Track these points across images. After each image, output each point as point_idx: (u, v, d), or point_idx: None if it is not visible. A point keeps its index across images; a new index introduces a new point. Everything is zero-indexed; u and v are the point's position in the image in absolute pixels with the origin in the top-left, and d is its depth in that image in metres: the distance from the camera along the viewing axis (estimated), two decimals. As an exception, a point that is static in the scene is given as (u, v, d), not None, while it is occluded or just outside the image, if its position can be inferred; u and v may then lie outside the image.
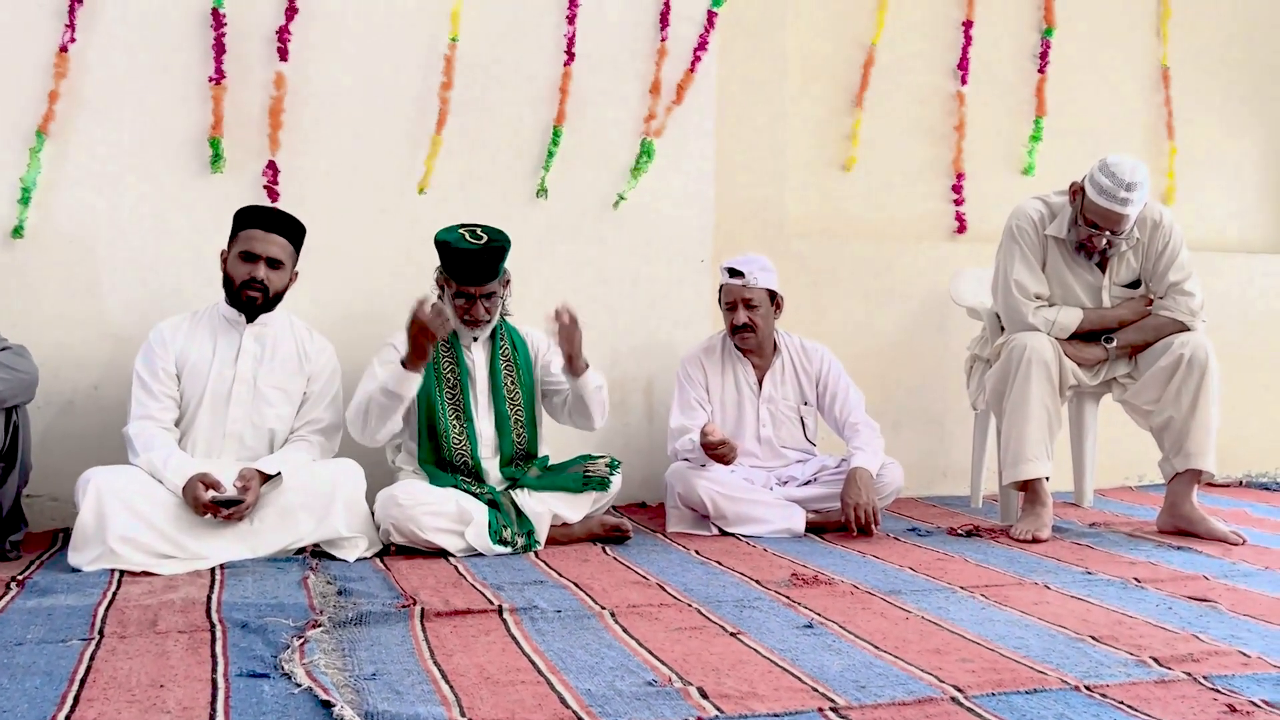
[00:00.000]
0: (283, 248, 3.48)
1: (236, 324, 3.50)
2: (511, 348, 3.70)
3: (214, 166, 3.89)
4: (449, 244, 3.51)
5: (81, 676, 2.16)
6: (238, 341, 3.50)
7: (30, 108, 3.75)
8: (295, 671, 2.17)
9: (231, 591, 2.87)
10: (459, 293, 3.55)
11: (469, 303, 3.55)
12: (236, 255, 3.45)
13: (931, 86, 4.95)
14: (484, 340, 3.66)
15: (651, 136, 4.37)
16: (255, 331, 3.51)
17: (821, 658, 2.31)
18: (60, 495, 3.67)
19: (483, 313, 3.57)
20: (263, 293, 3.45)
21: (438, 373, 3.58)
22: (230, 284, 3.47)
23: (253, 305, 3.46)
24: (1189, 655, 2.33)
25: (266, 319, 3.52)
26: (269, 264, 3.44)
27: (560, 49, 4.30)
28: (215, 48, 3.88)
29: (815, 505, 3.82)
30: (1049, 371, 3.68)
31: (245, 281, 3.43)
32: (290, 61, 3.97)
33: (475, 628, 2.54)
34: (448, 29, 4.16)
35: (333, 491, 3.33)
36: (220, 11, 3.88)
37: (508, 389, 3.65)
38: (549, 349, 3.73)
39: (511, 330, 3.74)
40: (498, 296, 3.60)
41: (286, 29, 3.95)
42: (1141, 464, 4.79)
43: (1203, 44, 5.34)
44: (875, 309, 4.75)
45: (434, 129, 4.14)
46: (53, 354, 3.72)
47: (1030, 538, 3.62)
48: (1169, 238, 3.77)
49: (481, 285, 3.53)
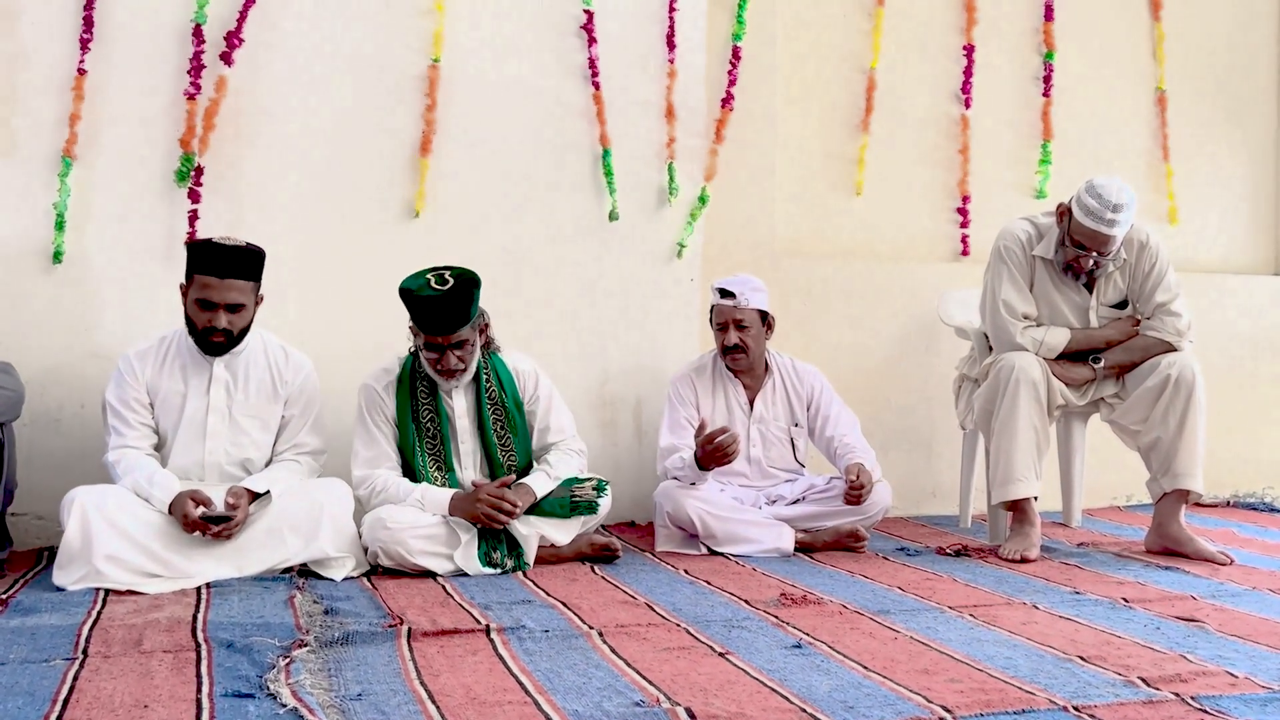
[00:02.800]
0: (241, 289, 3.34)
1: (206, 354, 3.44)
2: (498, 385, 3.56)
3: (179, 180, 3.85)
4: (411, 292, 3.33)
5: (65, 697, 2.14)
6: (208, 372, 3.43)
7: (53, 131, 3.76)
8: (281, 692, 2.16)
9: (217, 611, 2.85)
10: (428, 344, 3.40)
11: (439, 354, 3.40)
12: (194, 302, 3.33)
13: (934, 110, 4.99)
14: (465, 383, 3.55)
15: (674, 161, 4.43)
16: (226, 360, 3.43)
17: (810, 678, 2.31)
18: (45, 514, 3.65)
19: (455, 362, 3.41)
20: (227, 335, 3.36)
21: (417, 422, 3.48)
22: (192, 327, 3.38)
23: (219, 348, 3.39)
24: (1177, 675, 2.33)
25: (237, 348, 3.44)
26: (229, 309, 3.33)
27: (566, 69, 4.31)
28: (193, 63, 3.87)
29: (804, 524, 3.82)
30: (1037, 391, 3.69)
31: (206, 329, 3.34)
32: (269, 79, 3.98)
33: (462, 648, 2.52)
34: (431, 50, 4.16)
35: (320, 512, 3.31)
36: (201, 27, 3.87)
37: (498, 434, 3.53)
38: (536, 386, 3.62)
39: (498, 364, 3.59)
40: (470, 345, 3.43)
41: (237, 36, 3.92)
42: (1129, 484, 4.80)
43: (1195, 67, 5.39)
44: (864, 329, 4.76)
45: (419, 150, 4.14)
46: (39, 372, 3.71)
47: (1019, 557, 3.62)
48: (1155, 259, 3.79)
49: (449, 334, 3.37)
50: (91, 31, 3.78)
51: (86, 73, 3.78)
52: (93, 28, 3.79)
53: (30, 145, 3.76)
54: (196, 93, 3.87)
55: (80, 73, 3.77)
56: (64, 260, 3.76)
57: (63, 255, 3.75)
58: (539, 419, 3.64)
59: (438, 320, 3.35)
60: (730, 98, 4.56)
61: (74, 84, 3.77)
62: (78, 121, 3.77)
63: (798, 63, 4.82)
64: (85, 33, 3.77)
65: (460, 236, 4.17)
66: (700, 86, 4.50)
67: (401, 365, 3.55)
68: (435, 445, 3.51)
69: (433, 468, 3.50)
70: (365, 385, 3.54)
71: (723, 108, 4.56)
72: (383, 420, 3.51)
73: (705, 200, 4.47)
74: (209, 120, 3.89)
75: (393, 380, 3.53)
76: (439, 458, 3.51)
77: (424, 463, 3.49)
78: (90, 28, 3.78)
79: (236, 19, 3.91)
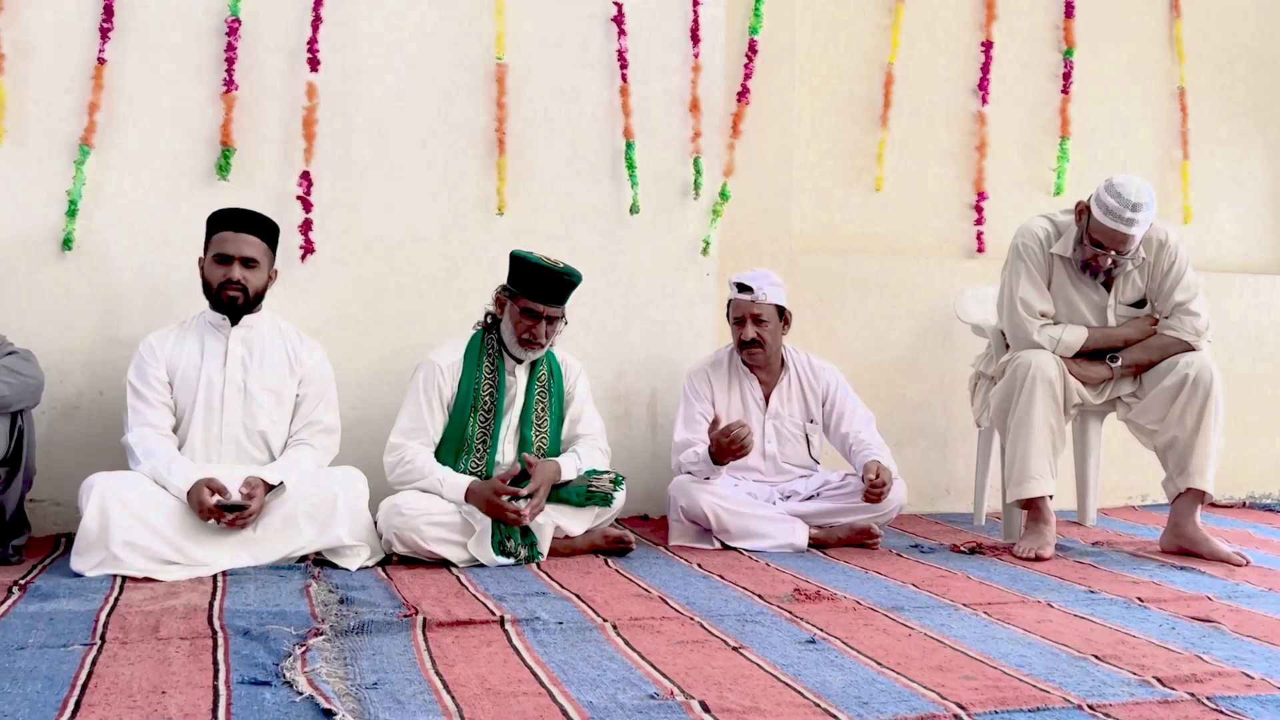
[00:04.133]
0: (256, 246, 3.46)
1: (222, 328, 3.50)
2: (549, 375, 3.69)
3: (220, 173, 3.89)
4: (528, 260, 3.49)
5: (83, 682, 2.16)
6: (224, 345, 3.49)
7: (71, 119, 3.78)
8: (297, 679, 2.17)
9: (233, 599, 2.87)
10: (527, 310, 3.51)
11: (535, 321, 3.52)
12: (211, 259, 3.45)
13: (951, 106, 4.97)
14: (526, 365, 3.64)
15: (701, 156, 4.43)
16: (241, 334, 3.50)
17: (824, 673, 2.31)
18: (63, 500, 3.67)
19: (544, 335, 3.54)
20: (242, 292, 3.44)
21: (476, 393, 3.57)
22: (209, 288, 3.47)
23: (234, 306, 3.45)
24: (1192, 676, 2.32)
25: (252, 321, 3.51)
26: (244, 263, 3.44)
27: (587, 61, 4.32)
28: (228, 56, 3.90)
29: (818, 520, 3.82)
30: (1053, 390, 3.68)
31: (223, 283, 3.43)
32: (327, 74, 4.02)
33: (477, 638, 2.53)
34: (494, 49, 4.19)
35: (335, 500, 3.32)
36: (236, 20, 3.89)
37: (537, 415, 3.63)
38: (578, 378, 3.74)
39: (550, 356, 3.71)
40: (559, 322, 3.58)
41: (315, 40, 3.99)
42: (1145, 484, 4.78)
43: (1215, 65, 5.35)
44: (880, 325, 4.75)
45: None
46: (58, 359, 3.73)
47: (1033, 556, 3.61)
48: (1174, 258, 3.77)
49: (553, 306, 3.52)
50: (111, 21, 3.80)
51: (106, 62, 3.79)
52: (113, 16, 3.80)
53: (49, 133, 3.77)
54: (232, 88, 3.89)
55: (100, 62, 3.79)
56: (77, 248, 3.78)
57: (73, 242, 3.76)
58: (573, 411, 3.72)
59: (549, 291, 3.50)
60: (746, 91, 4.55)
61: (94, 73, 3.79)
62: (96, 110, 3.78)
63: (815, 57, 4.81)
64: (105, 21, 3.79)
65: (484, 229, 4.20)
66: (721, 80, 4.49)
67: (469, 341, 3.64)
68: (488, 419, 3.57)
69: (478, 440, 3.55)
70: (429, 361, 3.60)
71: (739, 101, 4.55)
72: (436, 398, 3.56)
73: (726, 196, 4.46)
74: (308, 128, 3.96)
75: (459, 359, 3.60)
76: (487, 430, 3.56)
77: (472, 432, 3.55)
78: (110, 16, 3.79)
79: (310, 24, 3.96)
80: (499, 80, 4.20)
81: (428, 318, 4.14)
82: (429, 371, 3.58)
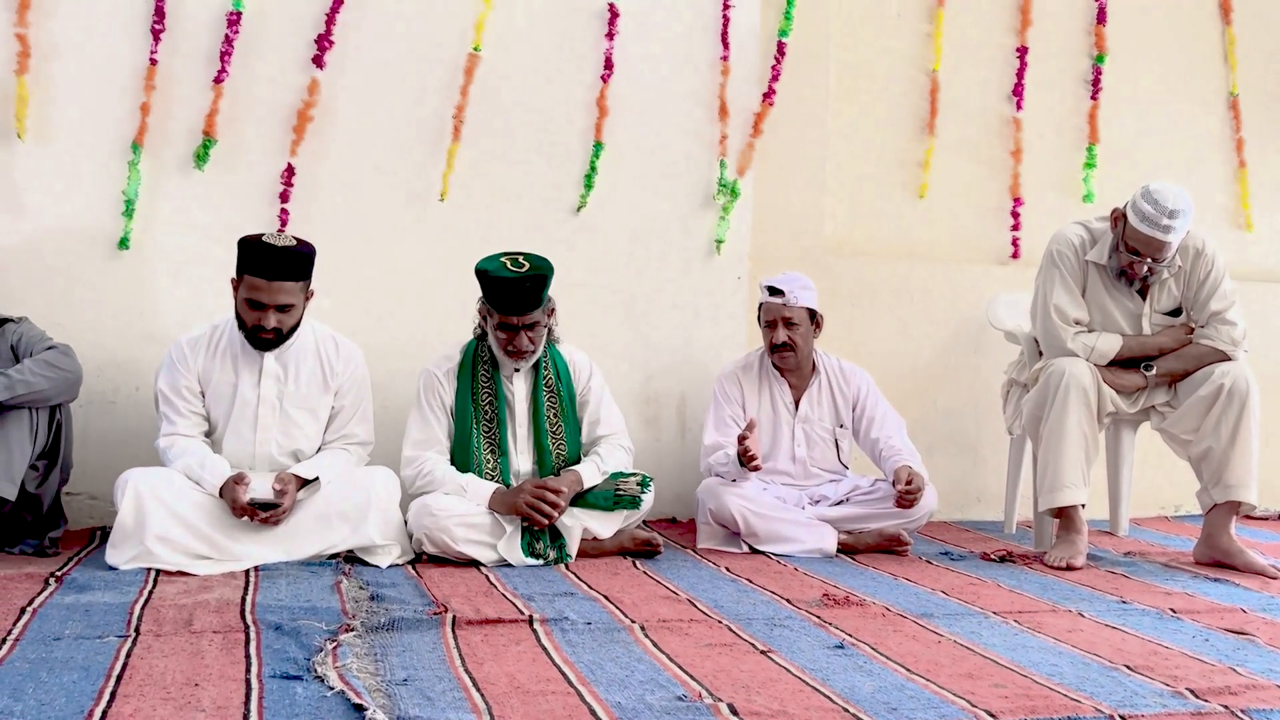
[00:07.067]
0: (290, 291, 3.34)
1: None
2: (555, 375, 3.62)
3: (198, 163, 3.90)
4: (489, 273, 3.41)
5: (118, 673, 2.19)
6: (259, 364, 3.45)
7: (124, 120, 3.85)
8: (328, 674, 2.19)
9: (265, 594, 2.90)
10: (501, 324, 3.46)
11: (512, 334, 3.46)
12: (244, 301, 3.35)
13: (987, 111, 4.94)
14: (526, 369, 3.60)
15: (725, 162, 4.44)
16: (276, 353, 3.46)
17: (853, 678, 2.30)
18: (99, 494, 3.72)
19: (526, 343, 3.48)
20: (276, 333, 3.38)
21: (475, 403, 3.54)
22: (242, 323, 3.40)
23: (268, 344, 3.41)
24: (1226, 688, 2.30)
25: (287, 342, 3.47)
26: (278, 310, 3.35)
27: (600, 64, 4.33)
28: (224, 48, 3.92)
29: (847, 526, 3.81)
30: (1087, 398, 3.65)
31: (255, 327, 3.37)
32: (324, 68, 4.04)
33: (506, 637, 2.54)
34: (472, 39, 4.18)
35: (368, 499, 3.34)
36: (239, 13, 3.93)
37: (550, 421, 3.58)
38: (590, 377, 3.69)
39: (555, 355, 3.65)
40: (541, 326, 3.50)
41: (327, 36, 4.01)
42: (1178, 494, 4.73)
43: (1263, 70, 5.28)
44: (912, 331, 4.74)
45: (452, 137, 4.16)
46: (96, 355, 3.77)
47: (1064, 565, 3.58)
48: (1211, 266, 3.73)
49: (524, 315, 3.44)
50: (163, 22, 3.85)
51: (158, 63, 3.85)
52: (164, 19, 3.85)
53: (96, 133, 3.83)
54: (223, 79, 3.92)
55: (152, 63, 3.84)
56: (130, 247, 3.83)
57: (129, 242, 3.82)
58: (590, 412, 3.67)
59: (514, 301, 3.41)
60: (772, 93, 4.53)
61: (146, 74, 3.84)
62: (149, 112, 3.83)
63: (850, 63, 4.79)
64: (157, 23, 3.84)
65: (497, 229, 4.20)
66: (753, 85, 4.49)
67: (464, 350, 3.60)
68: (491, 429, 3.54)
69: (486, 451, 3.53)
70: (426, 370, 3.59)
71: (764, 102, 4.52)
72: (439, 405, 3.55)
73: (737, 194, 4.44)
74: (302, 122, 3.98)
75: (454, 366, 3.57)
76: (494, 441, 3.53)
77: (478, 445, 3.52)
78: (162, 19, 3.85)
79: (324, 20, 3.99)
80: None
81: (428, 318, 4.14)
82: (428, 380, 3.56)
